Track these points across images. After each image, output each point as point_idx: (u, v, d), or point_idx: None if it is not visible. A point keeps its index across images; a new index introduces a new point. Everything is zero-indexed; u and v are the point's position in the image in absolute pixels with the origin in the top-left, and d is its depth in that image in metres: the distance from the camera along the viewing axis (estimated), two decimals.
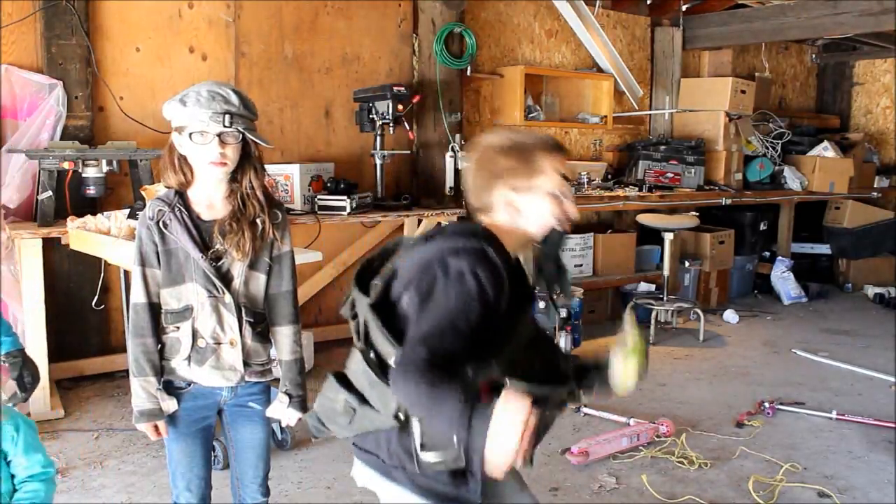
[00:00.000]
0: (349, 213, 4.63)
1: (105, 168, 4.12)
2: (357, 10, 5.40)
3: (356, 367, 1.67)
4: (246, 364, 2.13)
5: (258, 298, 2.14)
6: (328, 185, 4.79)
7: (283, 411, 2.20)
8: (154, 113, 4.54)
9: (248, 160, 2.08)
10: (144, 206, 3.70)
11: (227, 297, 2.07)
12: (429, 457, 1.61)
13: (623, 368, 1.69)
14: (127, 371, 2.18)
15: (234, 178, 2.08)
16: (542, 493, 3.24)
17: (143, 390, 2.08)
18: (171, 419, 2.13)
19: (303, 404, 2.22)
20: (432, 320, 1.51)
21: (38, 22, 4.20)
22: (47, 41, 4.19)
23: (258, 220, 2.08)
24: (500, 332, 1.59)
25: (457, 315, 1.51)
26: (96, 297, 4.34)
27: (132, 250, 2.13)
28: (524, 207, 1.70)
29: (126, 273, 3.95)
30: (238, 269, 2.08)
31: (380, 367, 1.62)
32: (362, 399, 1.66)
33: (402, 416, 1.62)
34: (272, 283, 2.16)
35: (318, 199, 4.66)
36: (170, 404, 2.11)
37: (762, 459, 3.65)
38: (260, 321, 2.15)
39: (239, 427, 2.22)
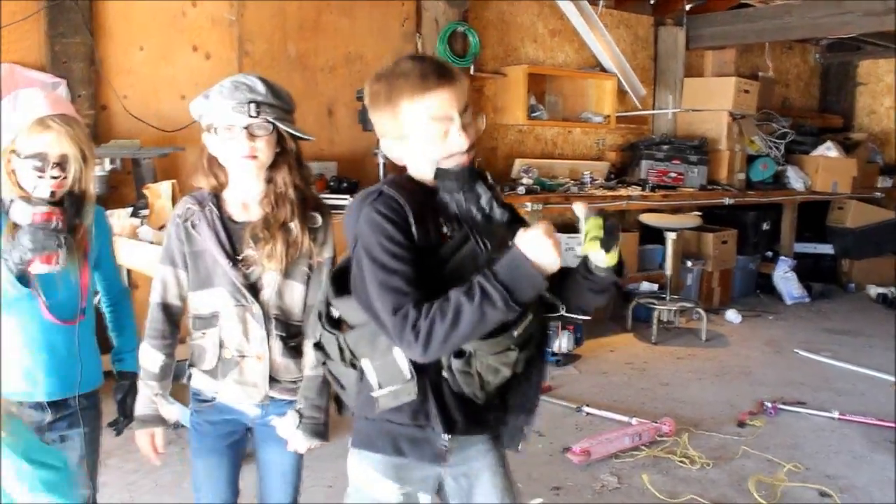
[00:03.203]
0: None
1: (108, 166, 4.13)
2: (360, 9, 5.40)
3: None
4: (274, 380, 1.95)
5: (294, 310, 1.95)
6: (331, 183, 4.80)
7: (290, 432, 1.95)
8: (157, 112, 4.55)
9: (283, 156, 1.91)
10: (147, 205, 3.75)
11: (256, 308, 1.90)
12: (384, 394, 1.61)
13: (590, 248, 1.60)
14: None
15: (270, 177, 1.92)
16: (544, 493, 3.25)
17: (143, 394, 1.98)
18: (197, 433, 2.01)
19: (317, 429, 1.96)
20: (372, 279, 1.51)
21: (41, 20, 4.21)
22: (51, 40, 4.20)
23: (291, 226, 1.90)
24: (430, 269, 1.54)
25: (384, 256, 1.51)
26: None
27: (136, 248, 2.11)
28: (401, 149, 1.63)
29: (129, 271, 3.96)
30: (270, 278, 1.91)
31: (328, 319, 1.66)
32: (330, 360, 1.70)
33: (353, 362, 1.65)
34: (309, 294, 1.95)
35: (321, 198, 4.66)
36: (171, 411, 1.99)
37: (764, 459, 3.65)
38: (294, 335, 1.96)
39: (267, 448, 2.03)
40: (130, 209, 3.85)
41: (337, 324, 1.68)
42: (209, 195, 1.94)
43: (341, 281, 1.64)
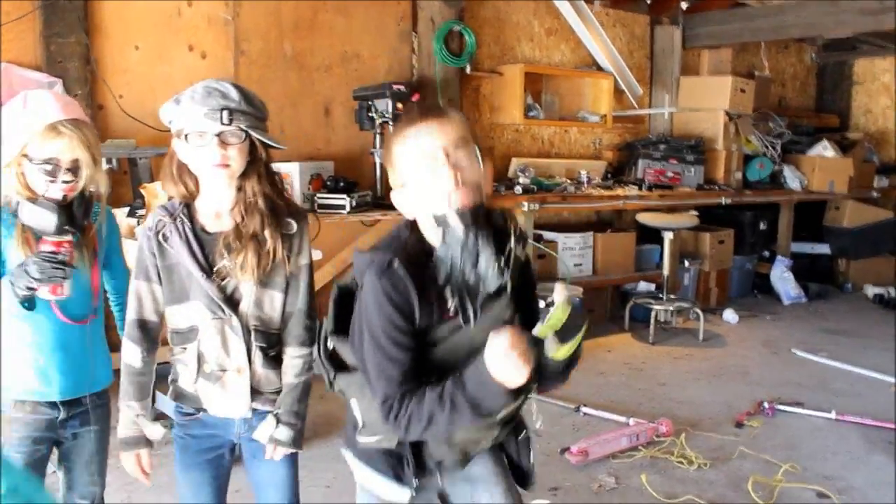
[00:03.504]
0: (349, 212, 4.62)
1: (104, 166, 4.10)
2: (356, 8, 5.39)
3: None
4: (257, 392, 1.91)
5: (273, 319, 1.91)
6: (328, 183, 4.79)
7: (266, 438, 1.92)
8: (153, 111, 4.46)
9: (253, 165, 1.85)
10: (143, 204, 3.73)
11: (234, 320, 1.85)
12: (364, 438, 1.66)
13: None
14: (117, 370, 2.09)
15: (241, 185, 1.86)
16: (542, 493, 3.24)
17: (124, 416, 1.93)
18: (180, 447, 1.96)
19: (293, 437, 1.92)
20: (371, 357, 1.53)
21: (36, 20, 4.19)
22: (46, 39, 4.18)
23: (264, 235, 1.84)
24: (425, 346, 1.55)
25: (384, 341, 1.51)
26: None
27: (133, 247, 2.07)
28: (401, 198, 1.58)
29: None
30: (247, 289, 1.86)
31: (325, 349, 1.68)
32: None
33: (342, 393, 1.69)
34: (288, 301, 1.92)
35: (318, 198, 4.66)
36: (153, 430, 1.94)
37: (761, 460, 3.65)
38: (274, 344, 1.92)
39: (258, 464, 1.97)
40: (127, 209, 3.84)
41: (332, 354, 1.68)
42: (180, 206, 1.87)
43: (341, 317, 1.64)
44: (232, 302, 1.86)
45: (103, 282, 2.14)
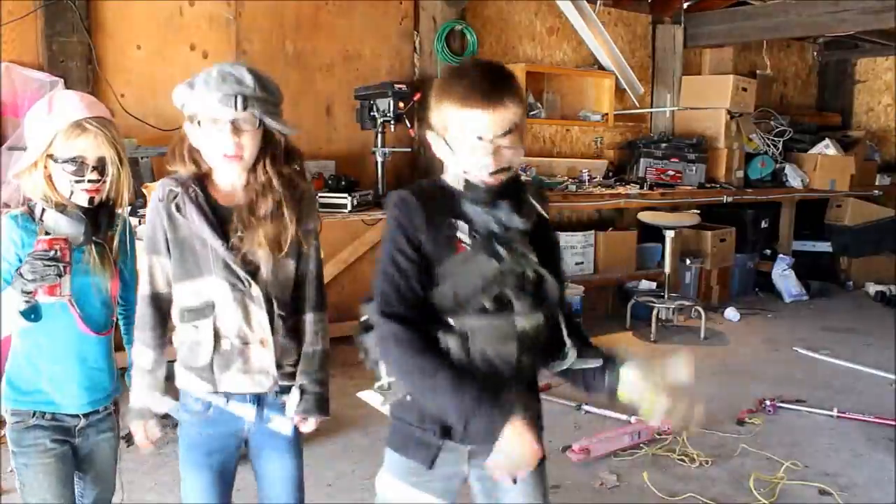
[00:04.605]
0: (350, 211, 4.63)
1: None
2: (358, 7, 5.40)
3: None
4: (278, 366, 1.87)
5: (289, 287, 1.89)
6: (329, 182, 4.80)
7: (293, 410, 1.89)
8: (155, 110, 4.54)
9: (264, 152, 1.83)
10: (145, 203, 3.73)
11: (255, 290, 1.81)
12: (391, 398, 1.70)
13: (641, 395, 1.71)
14: (123, 369, 2.09)
15: (255, 167, 1.84)
16: None
17: (137, 386, 1.91)
18: (186, 444, 1.92)
19: (321, 404, 1.90)
20: (379, 264, 1.63)
21: (38, 19, 4.20)
22: (48, 39, 4.19)
23: (279, 210, 1.83)
24: (444, 274, 1.59)
25: (388, 254, 1.60)
26: None
27: (136, 247, 2.04)
28: (438, 143, 1.66)
29: None
30: (265, 258, 1.83)
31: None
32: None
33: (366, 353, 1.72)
34: (300, 267, 1.91)
35: (319, 197, 4.66)
36: (162, 403, 1.90)
37: (763, 457, 3.65)
38: (292, 313, 1.90)
39: (266, 458, 1.95)
40: (129, 208, 3.84)
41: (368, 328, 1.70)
42: (189, 178, 1.83)
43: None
44: (252, 273, 1.82)
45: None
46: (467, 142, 1.57)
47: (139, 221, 3.75)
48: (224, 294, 1.81)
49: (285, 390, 1.90)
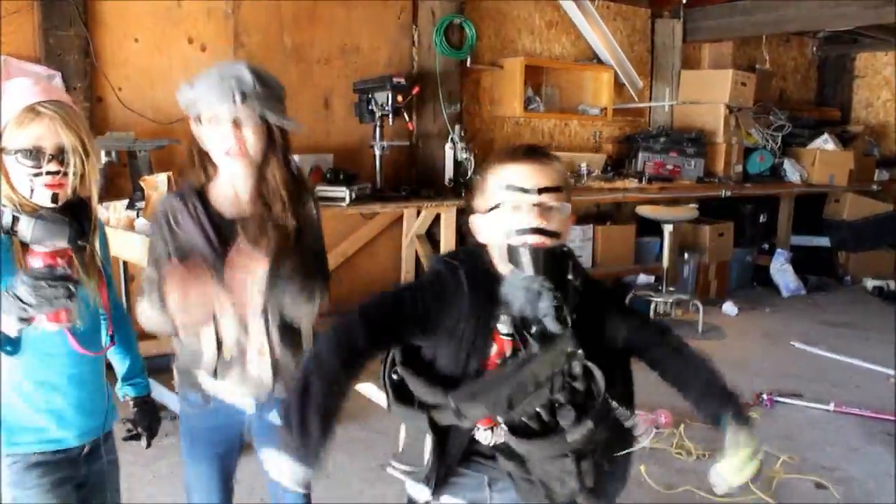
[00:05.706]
0: (348, 204, 4.62)
1: (104, 159, 4.11)
2: (356, 0, 5.38)
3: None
4: (277, 375, 1.86)
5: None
6: (327, 175, 4.79)
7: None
8: (153, 104, 4.54)
9: (272, 150, 1.83)
10: (143, 197, 3.74)
11: (253, 300, 1.83)
12: (396, 463, 1.67)
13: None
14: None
15: (261, 173, 1.83)
16: None
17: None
18: (188, 437, 1.93)
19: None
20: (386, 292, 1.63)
21: (35, 13, 4.19)
22: (45, 32, 4.18)
23: (284, 221, 1.83)
24: (455, 358, 1.56)
25: (403, 286, 1.66)
26: None
27: (132, 240, 2.03)
28: (481, 221, 1.60)
29: (125, 264, 3.95)
30: (262, 267, 1.82)
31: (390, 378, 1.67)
32: None
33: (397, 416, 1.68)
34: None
35: (318, 190, 4.65)
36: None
37: (760, 451, 3.65)
38: (289, 321, 1.88)
39: (270, 447, 1.93)
40: (126, 201, 3.84)
41: (398, 383, 1.65)
42: (191, 191, 1.83)
43: (411, 351, 1.64)
44: (248, 282, 1.82)
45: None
46: (510, 201, 1.52)
47: (137, 214, 3.75)
48: (221, 304, 1.82)
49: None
